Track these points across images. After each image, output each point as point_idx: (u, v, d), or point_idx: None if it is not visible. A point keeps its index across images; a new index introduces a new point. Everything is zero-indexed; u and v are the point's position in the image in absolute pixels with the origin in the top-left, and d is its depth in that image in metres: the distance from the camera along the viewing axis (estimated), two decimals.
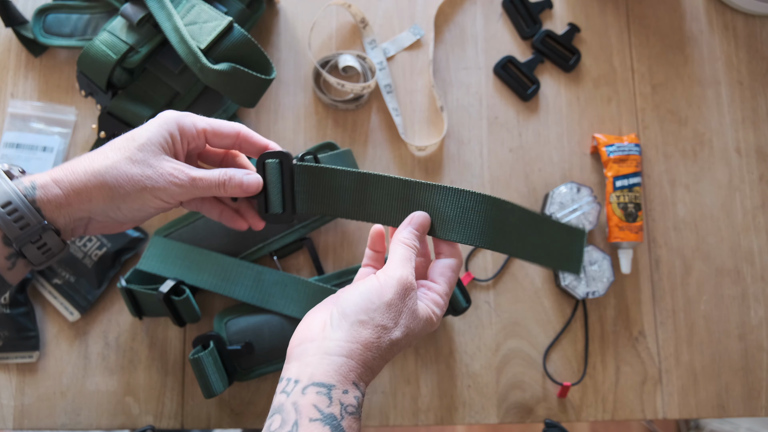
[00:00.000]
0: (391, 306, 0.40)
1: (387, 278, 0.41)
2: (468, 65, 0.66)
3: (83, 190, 0.40)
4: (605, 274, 0.60)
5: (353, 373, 0.38)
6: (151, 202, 0.42)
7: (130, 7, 0.56)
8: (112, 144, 0.43)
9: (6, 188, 0.39)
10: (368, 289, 0.40)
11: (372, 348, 0.39)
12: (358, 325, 0.39)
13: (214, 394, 0.53)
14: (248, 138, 0.47)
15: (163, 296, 0.52)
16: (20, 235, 0.39)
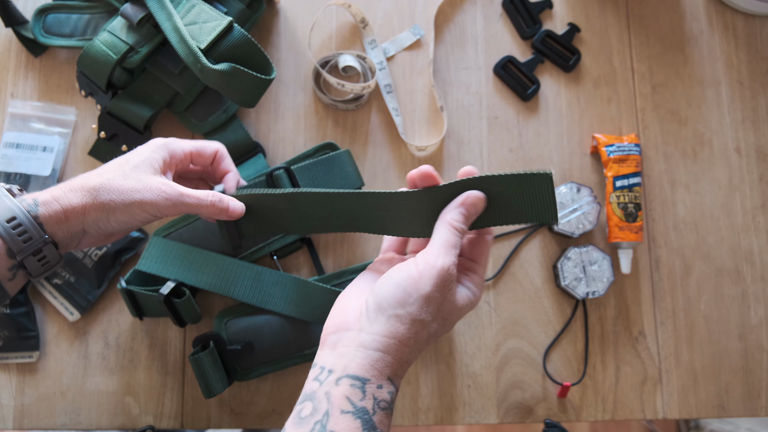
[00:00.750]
0: (430, 300, 0.39)
1: (426, 267, 0.39)
2: (468, 65, 0.66)
3: (79, 205, 0.43)
4: (605, 274, 0.60)
5: (389, 368, 0.38)
6: (139, 215, 0.45)
7: (130, 7, 0.56)
8: (107, 165, 0.46)
9: (10, 205, 0.42)
10: (405, 278, 0.39)
11: (409, 344, 0.38)
12: (395, 320, 0.38)
13: (214, 394, 0.53)
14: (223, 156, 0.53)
15: (164, 298, 0.52)
16: (23, 248, 0.41)
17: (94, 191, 0.44)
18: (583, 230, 0.61)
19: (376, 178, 0.63)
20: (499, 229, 0.63)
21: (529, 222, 0.43)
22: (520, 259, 0.62)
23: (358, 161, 0.63)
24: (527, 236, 0.63)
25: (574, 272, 0.60)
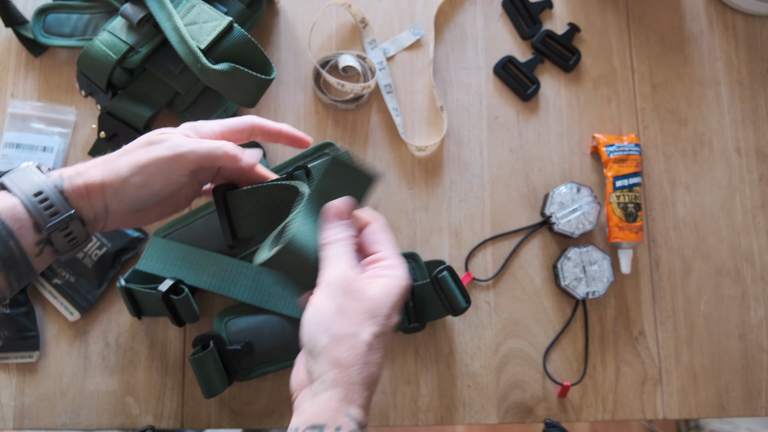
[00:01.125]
0: (342, 310, 0.39)
1: (323, 288, 0.40)
2: (468, 65, 0.66)
3: (98, 178, 0.43)
4: (605, 274, 0.60)
5: (343, 402, 0.37)
6: (156, 176, 0.43)
7: (130, 7, 0.56)
8: (133, 143, 0.45)
9: (37, 180, 0.42)
10: (312, 313, 0.39)
11: (351, 362, 0.38)
12: (326, 352, 0.38)
13: (214, 394, 0.53)
14: (263, 127, 0.49)
15: (162, 295, 0.52)
16: (50, 222, 0.41)
17: (111, 162, 0.44)
18: (583, 230, 0.61)
19: None
20: (499, 230, 0.63)
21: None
22: (520, 259, 0.62)
23: None
24: (527, 236, 0.63)
25: (574, 272, 0.60)
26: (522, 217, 0.63)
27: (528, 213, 0.63)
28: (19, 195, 0.41)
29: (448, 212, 0.63)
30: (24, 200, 0.41)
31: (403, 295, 0.41)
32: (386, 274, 0.41)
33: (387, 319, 0.39)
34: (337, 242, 0.41)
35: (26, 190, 0.41)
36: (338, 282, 0.39)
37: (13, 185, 0.41)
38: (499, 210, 0.63)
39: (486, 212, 0.63)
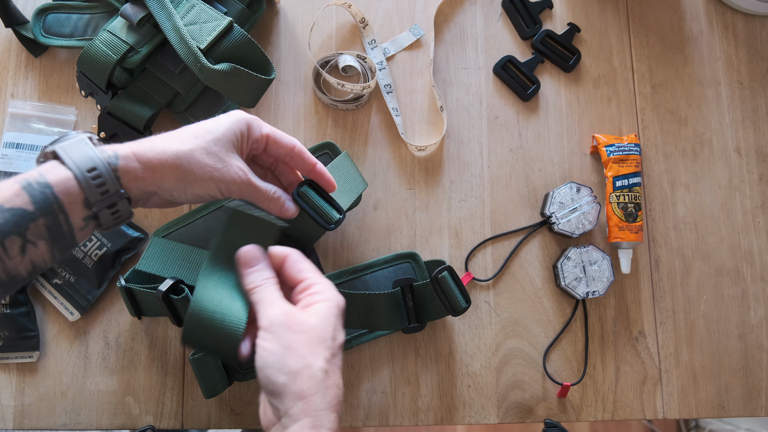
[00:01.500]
0: (290, 347, 0.40)
1: (265, 334, 0.41)
2: (468, 65, 0.66)
3: (159, 169, 0.43)
4: (605, 274, 0.60)
5: (312, 429, 0.38)
6: (211, 191, 0.45)
7: (130, 7, 0.56)
8: (187, 131, 0.45)
9: (92, 155, 0.41)
10: (263, 357, 0.40)
11: (313, 391, 0.39)
12: (287, 389, 0.39)
13: (214, 394, 0.53)
14: (301, 154, 0.50)
15: (162, 295, 0.52)
16: (100, 199, 0.41)
17: (175, 158, 0.43)
18: (583, 230, 0.61)
19: (376, 178, 0.63)
20: (499, 230, 0.63)
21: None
22: (520, 259, 0.62)
23: (357, 161, 0.63)
24: (527, 236, 0.63)
25: (574, 272, 0.60)
26: (522, 217, 0.63)
27: (528, 213, 0.63)
28: (74, 169, 0.40)
29: (448, 212, 0.63)
30: (78, 175, 0.40)
31: (340, 315, 0.43)
32: (319, 299, 0.43)
33: (333, 341, 0.41)
34: (261, 285, 0.43)
35: (80, 164, 0.40)
36: (278, 321, 0.41)
37: (67, 157, 0.40)
38: (499, 210, 0.63)
39: (486, 212, 0.63)
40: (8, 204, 0.38)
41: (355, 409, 0.59)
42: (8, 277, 0.39)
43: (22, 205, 0.38)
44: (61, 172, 0.40)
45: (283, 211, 0.49)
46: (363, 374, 0.59)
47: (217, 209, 0.57)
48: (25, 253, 0.39)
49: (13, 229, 0.37)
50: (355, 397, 0.59)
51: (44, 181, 0.39)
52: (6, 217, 0.37)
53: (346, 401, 0.59)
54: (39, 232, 0.39)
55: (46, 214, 0.39)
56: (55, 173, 0.40)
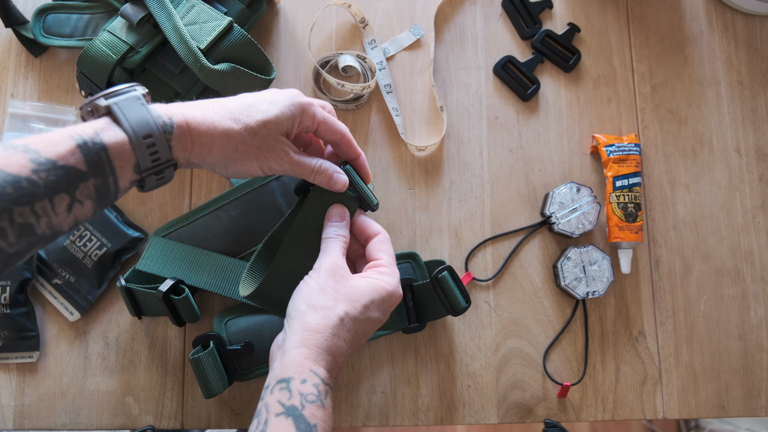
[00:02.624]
0: (324, 288, 0.44)
1: (313, 272, 0.45)
2: (468, 65, 0.66)
3: (206, 144, 0.43)
4: (605, 274, 0.60)
5: (308, 360, 0.40)
6: (253, 170, 0.46)
7: (130, 7, 0.56)
8: (241, 106, 0.45)
9: (149, 119, 0.40)
10: (301, 288, 0.45)
11: (321, 330, 0.42)
12: (301, 317, 0.42)
13: (214, 394, 0.53)
14: (350, 143, 0.51)
15: (163, 295, 0.52)
16: (150, 167, 0.41)
17: (225, 137, 0.43)
18: (583, 230, 0.61)
19: (376, 178, 0.63)
20: (498, 230, 0.63)
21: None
22: (520, 259, 0.62)
23: None
24: (527, 236, 0.63)
25: (574, 272, 0.60)
26: (522, 217, 0.63)
27: (528, 213, 0.63)
28: (130, 133, 0.39)
29: (448, 212, 0.63)
30: (134, 140, 0.39)
31: (387, 299, 0.45)
32: (377, 276, 0.46)
33: (365, 309, 0.44)
34: (332, 238, 0.48)
35: (137, 128, 0.39)
36: (327, 267, 0.45)
37: (123, 118, 0.40)
38: (499, 210, 0.63)
39: (486, 212, 0.63)
40: (62, 161, 0.37)
41: (355, 409, 0.59)
42: (52, 233, 0.38)
43: (76, 164, 0.37)
44: (117, 134, 0.39)
45: (332, 183, 0.49)
46: (363, 374, 0.59)
47: (217, 209, 0.57)
48: (71, 211, 0.38)
49: (64, 188, 0.37)
50: (355, 397, 0.59)
51: (100, 142, 0.38)
52: (59, 174, 0.37)
53: (346, 401, 0.59)
54: (88, 191, 0.39)
55: (97, 176, 0.39)
56: (110, 134, 0.39)
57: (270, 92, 0.47)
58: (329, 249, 0.47)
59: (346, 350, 0.43)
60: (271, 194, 0.57)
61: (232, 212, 0.57)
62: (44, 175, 0.36)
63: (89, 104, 0.41)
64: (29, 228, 0.37)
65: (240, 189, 0.57)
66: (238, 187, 0.57)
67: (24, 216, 0.36)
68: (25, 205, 0.36)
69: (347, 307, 0.43)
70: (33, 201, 0.36)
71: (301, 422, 0.38)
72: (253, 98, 0.46)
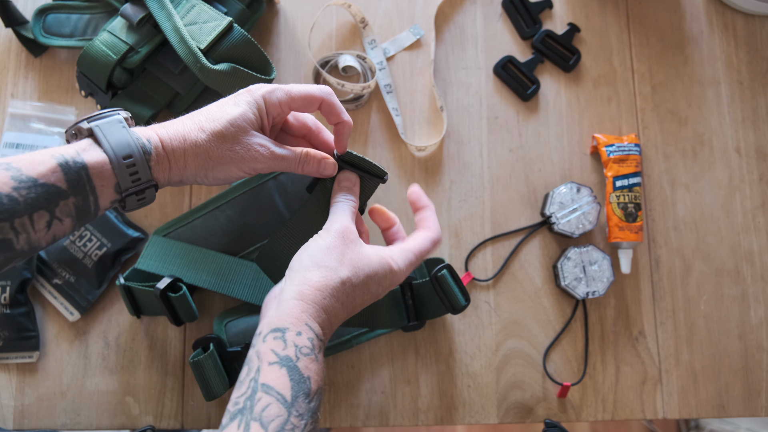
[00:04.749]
0: (331, 249, 0.43)
1: (323, 232, 0.45)
2: (468, 65, 0.66)
3: (180, 159, 0.43)
4: (605, 274, 0.60)
5: (305, 314, 0.40)
6: (233, 173, 0.46)
7: (130, 7, 0.56)
8: (207, 115, 0.45)
9: (129, 141, 0.41)
10: (309, 245, 0.44)
11: (321, 288, 0.42)
12: (304, 271, 0.42)
13: (215, 397, 0.53)
14: (332, 106, 0.48)
15: (160, 292, 0.52)
16: (131, 187, 0.42)
17: (195, 147, 0.43)
18: (583, 230, 0.61)
19: None
20: (498, 230, 0.63)
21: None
22: (520, 259, 0.62)
23: None
24: (527, 236, 0.63)
25: (574, 272, 0.60)
26: (522, 217, 0.63)
27: (528, 213, 0.63)
28: (110, 154, 0.40)
29: (448, 212, 0.63)
30: (114, 161, 0.40)
31: (389, 277, 0.45)
32: (389, 254, 0.46)
33: (366, 279, 0.44)
34: (344, 202, 0.48)
35: (117, 149, 0.41)
36: (338, 229, 0.45)
37: (104, 139, 0.41)
38: (499, 210, 0.63)
39: (486, 212, 0.63)
40: (43, 179, 0.38)
41: (355, 409, 0.59)
42: (30, 248, 0.39)
43: (56, 182, 0.38)
44: (97, 154, 0.40)
45: (321, 170, 0.49)
46: (363, 374, 0.59)
47: (215, 209, 0.57)
48: (50, 228, 0.39)
49: (43, 205, 0.38)
50: (355, 397, 0.59)
51: (81, 161, 0.39)
52: (39, 192, 0.38)
53: (346, 401, 0.59)
54: (68, 210, 0.39)
55: (78, 194, 0.39)
56: (91, 154, 0.40)
57: (233, 95, 0.47)
58: (339, 212, 0.47)
59: (341, 313, 0.43)
60: (268, 193, 0.57)
61: (230, 212, 0.57)
62: (24, 192, 0.37)
63: (73, 127, 0.42)
64: (8, 243, 0.38)
65: (237, 188, 0.57)
66: (236, 186, 0.57)
67: (3, 232, 0.37)
68: (4, 221, 0.37)
69: (350, 273, 0.43)
70: (13, 217, 0.37)
71: (295, 373, 0.38)
72: (217, 105, 0.46)
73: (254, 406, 0.36)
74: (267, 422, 0.36)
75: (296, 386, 0.38)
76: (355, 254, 0.44)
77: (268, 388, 0.37)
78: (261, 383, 0.37)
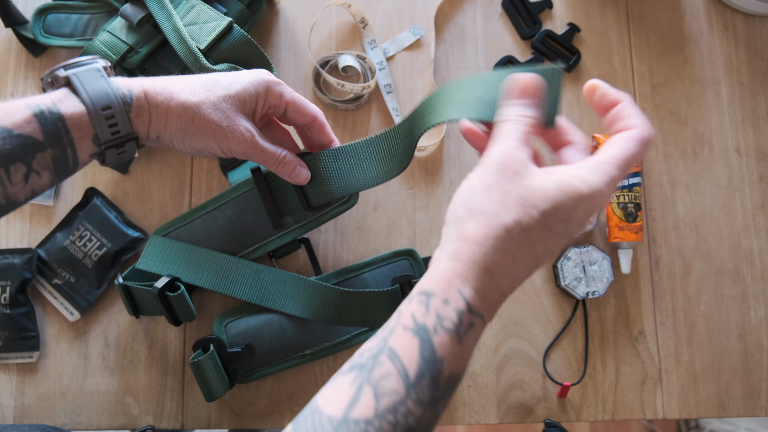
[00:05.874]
0: (489, 188, 0.34)
1: (478, 167, 0.36)
2: (468, 65, 0.66)
3: (162, 115, 0.42)
4: (605, 274, 0.60)
5: (459, 277, 0.33)
6: (211, 147, 0.45)
7: (130, 7, 0.56)
8: (202, 81, 0.44)
9: (108, 91, 0.40)
10: (462, 187, 0.36)
11: (480, 241, 0.33)
12: (459, 222, 0.35)
13: (215, 398, 0.53)
14: (322, 127, 0.49)
15: (158, 292, 0.52)
16: (110, 139, 0.40)
17: (181, 108, 0.42)
18: (583, 230, 0.61)
19: None
20: None
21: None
22: None
23: None
24: None
25: (574, 272, 0.60)
26: None
27: None
28: (88, 104, 0.39)
29: None
30: (92, 111, 0.39)
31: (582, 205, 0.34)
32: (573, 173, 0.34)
33: (544, 218, 0.33)
34: (512, 121, 0.36)
35: (96, 99, 0.39)
36: (497, 160, 0.35)
37: (82, 88, 0.39)
38: None
39: None
40: (18, 130, 0.37)
41: None
42: (8, 203, 0.38)
43: (32, 133, 0.37)
44: (74, 104, 0.39)
45: (293, 176, 0.48)
46: None
47: (214, 209, 0.57)
48: (27, 182, 0.38)
49: (19, 157, 0.37)
50: None
51: (57, 112, 0.38)
52: (14, 143, 0.36)
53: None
54: (45, 162, 0.38)
55: (55, 146, 0.38)
56: (68, 104, 0.39)
57: (236, 72, 0.46)
58: (503, 135, 0.36)
59: (513, 270, 0.34)
60: None
61: (229, 212, 0.57)
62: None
63: (49, 75, 0.40)
64: None
65: (237, 189, 0.57)
66: (235, 187, 0.57)
67: None
68: None
69: (518, 214, 0.33)
70: None
71: (426, 347, 0.32)
72: (216, 76, 0.45)
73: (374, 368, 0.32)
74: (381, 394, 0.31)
75: (424, 364, 0.32)
76: (523, 188, 0.34)
77: (393, 354, 0.32)
78: (390, 346, 0.33)
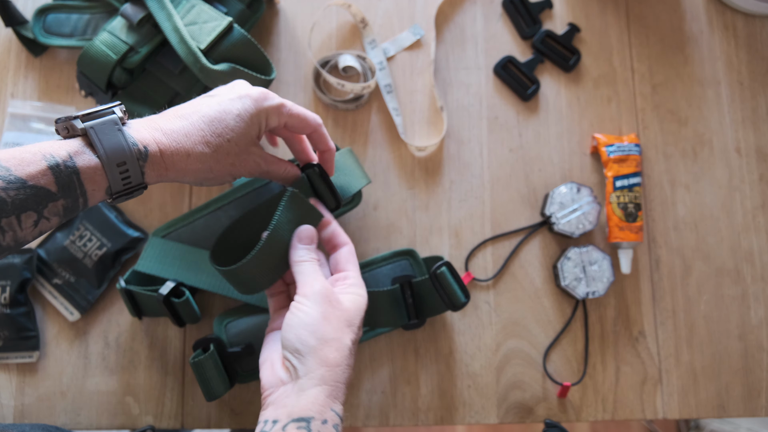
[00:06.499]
0: (328, 317, 0.43)
1: (304, 299, 0.44)
2: (468, 65, 0.66)
3: (181, 170, 0.43)
4: (605, 274, 0.60)
5: (329, 398, 0.41)
6: (226, 179, 0.48)
7: (130, 7, 0.56)
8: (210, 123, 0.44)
9: (124, 147, 0.40)
10: (299, 318, 0.43)
11: (338, 362, 0.42)
12: (315, 352, 0.42)
13: (215, 397, 0.53)
14: (322, 136, 0.51)
15: (164, 298, 0.52)
16: (121, 189, 0.41)
17: (198, 162, 0.43)
18: (583, 230, 0.61)
19: (376, 178, 0.63)
20: (499, 230, 0.63)
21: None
22: (520, 259, 0.62)
23: None
24: (527, 236, 0.63)
25: (574, 272, 0.60)
26: (522, 217, 0.63)
27: (528, 213, 0.63)
28: (104, 160, 0.39)
29: (448, 212, 0.63)
30: (107, 168, 0.40)
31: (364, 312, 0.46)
32: (353, 291, 0.47)
33: (359, 330, 0.45)
34: (310, 261, 0.47)
35: (111, 155, 0.40)
36: (320, 293, 0.44)
37: (99, 144, 0.40)
38: (499, 210, 0.63)
39: (486, 212, 0.63)
40: (32, 181, 0.38)
41: (355, 409, 0.59)
42: (16, 244, 0.39)
43: (46, 185, 0.38)
44: (90, 159, 0.39)
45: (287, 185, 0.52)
46: (363, 374, 0.59)
47: (217, 209, 0.57)
48: (37, 226, 0.39)
49: (32, 206, 0.38)
50: (355, 397, 0.59)
51: (72, 166, 0.39)
52: (28, 193, 0.37)
53: (346, 401, 0.59)
54: (56, 210, 0.39)
55: (67, 197, 0.39)
56: (84, 159, 0.39)
57: (237, 99, 0.46)
58: (312, 273, 0.46)
59: (352, 376, 0.44)
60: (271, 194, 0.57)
61: (232, 212, 0.57)
62: (13, 194, 0.37)
63: (66, 123, 0.41)
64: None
65: (241, 189, 0.57)
66: (239, 187, 0.57)
67: None
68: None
69: (352, 334, 0.43)
70: (0, 217, 0.37)
71: None
72: (220, 110, 0.45)
73: None
74: None
75: None
76: (343, 312, 0.44)
77: None
78: None
